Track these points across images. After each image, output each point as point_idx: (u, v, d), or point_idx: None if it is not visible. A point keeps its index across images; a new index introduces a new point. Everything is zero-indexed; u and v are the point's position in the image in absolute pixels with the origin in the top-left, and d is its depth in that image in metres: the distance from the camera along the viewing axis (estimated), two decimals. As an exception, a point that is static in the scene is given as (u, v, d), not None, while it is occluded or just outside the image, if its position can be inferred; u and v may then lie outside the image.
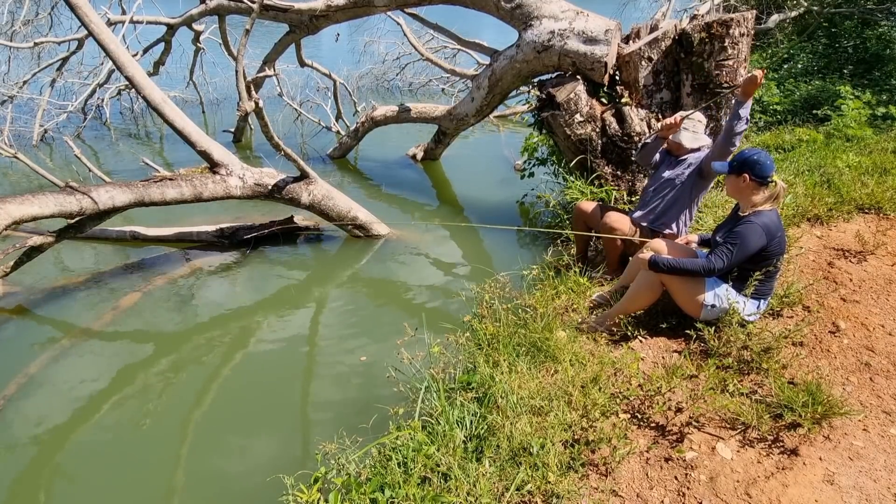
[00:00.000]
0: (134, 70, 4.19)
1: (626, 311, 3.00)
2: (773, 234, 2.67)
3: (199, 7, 6.81)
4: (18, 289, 4.23)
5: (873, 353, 2.76)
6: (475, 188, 6.53)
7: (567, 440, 2.25)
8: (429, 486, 2.03)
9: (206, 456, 2.82)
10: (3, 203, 3.37)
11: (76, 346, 3.70)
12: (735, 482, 2.08)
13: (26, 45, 7.67)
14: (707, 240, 3.19)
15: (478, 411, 2.37)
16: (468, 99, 6.13)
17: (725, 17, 4.42)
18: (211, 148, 4.47)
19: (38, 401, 3.19)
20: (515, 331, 2.91)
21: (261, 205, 5.48)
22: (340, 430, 2.35)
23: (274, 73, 7.00)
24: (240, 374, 3.45)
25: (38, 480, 2.70)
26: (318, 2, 5.99)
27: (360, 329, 3.86)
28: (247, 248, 4.89)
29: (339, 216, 4.96)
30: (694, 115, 3.58)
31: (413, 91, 11.64)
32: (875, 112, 6.33)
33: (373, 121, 7.17)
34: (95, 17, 4.07)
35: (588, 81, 4.89)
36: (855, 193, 4.34)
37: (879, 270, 3.47)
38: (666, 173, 3.59)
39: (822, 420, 2.27)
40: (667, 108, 4.82)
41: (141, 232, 4.98)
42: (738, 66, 4.50)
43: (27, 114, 8.45)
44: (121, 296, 4.18)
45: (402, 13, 7.04)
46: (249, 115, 7.31)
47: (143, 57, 7.57)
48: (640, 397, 2.52)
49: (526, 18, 5.13)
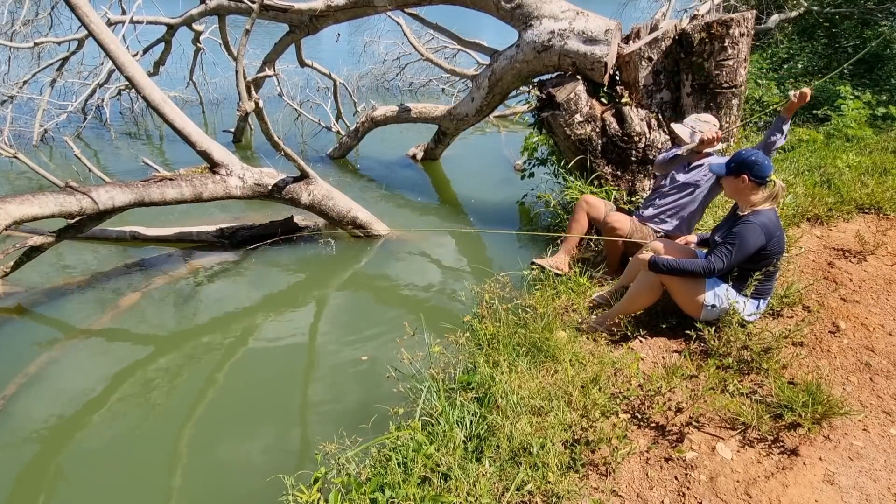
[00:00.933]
0: (134, 70, 4.19)
1: (626, 311, 3.00)
2: (771, 234, 2.67)
3: (199, 7, 6.81)
4: (18, 289, 4.23)
5: (873, 353, 2.76)
6: (475, 188, 6.53)
7: (567, 440, 2.25)
8: (429, 486, 2.03)
9: (205, 456, 2.82)
10: (3, 203, 3.37)
11: (76, 346, 3.70)
12: (735, 482, 2.08)
13: (26, 45, 7.66)
14: (706, 240, 3.19)
15: (478, 411, 2.37)
16: (468, 99, 6.13)
17: (725, 18, 4.42)
18: (211, 148, 4.47)
19: (37, 401, 3.18)
20: (515, 331, 2.91)
21: (261, 205, 5.48)
22: (340, 430, 2.35)
23: (274, 73, 7.00)
24: (240, 373, 3.45)
25: (38, 480, 2.70)
26: (318, 2, 5.99)
27: (360, 329, 3.86)
28: (246, 247, 4.90)
29: (339, 216, 4.96)
30: (708, 119, 3.56)
31: (413, 91, 11.63)
32: (875, 112, 6.33)
33: (373, 121, 7.17)
34: (95, 17, 4.07)
35: (588, 81, 4.89)
36: (855, 193, 4.35)
37: (879, 270, 3.47)
38: (680, 177, 3.57)
39: (822, 420, 2.27)
40: (667, 108, 4.82)
41: (141, 232, 4.98)
42: (738, 66, 4.50)
43: (27, 114, 8.44)
44: (121, 296, 4.18)
45: (402, 13, 7.04)
46: (249, 115, 7.31)
47: (143, 57, 7.56)
48: (640, 397, 2.52)
49: (526, 18, 5.13)
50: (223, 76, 10.34)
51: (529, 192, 5.61)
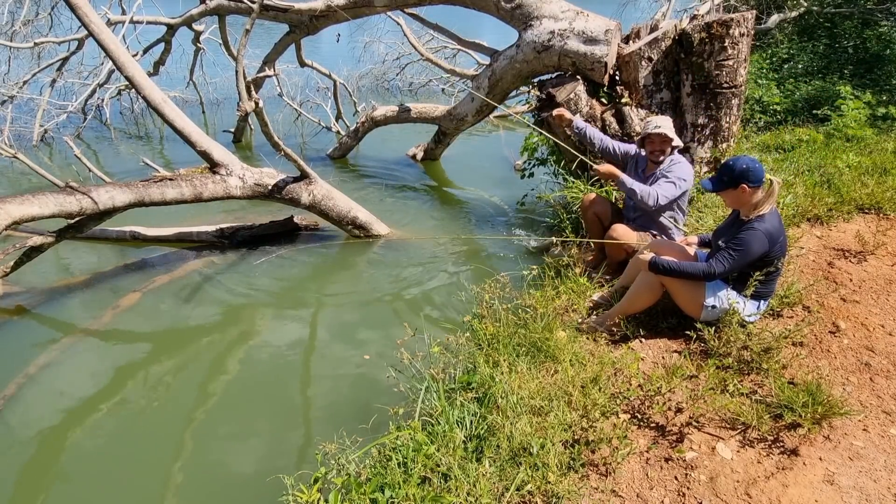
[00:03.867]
0: (134, 70, 4.18)
1: (626, 311, 3.00)
2: (775, 240, 2.67)
3: (199, 7, 6.81)
4: (18, 289, 4.23)
5: (873, 353, 2.76)
6: (475, 188, 6.53)
7: (567, 440, 2.25)
8: (429, 486, 2.03)
9: (205, 456, 2.82)
10: (3, 203, 3.37)
11: (76, 346, 3.70)
12: (735, 482, 2.08)
13: (26, 45, 7.67)
14: (707, 241, 3.19)
15: (478, 411, 2.37)
16: (468, 99, 6.13)
17: (725, 18, 4.42)
18: (211, 148, 4.47)
19: (37, 401, 3.18)
20: (515, 331, 2.91)
21: (261, 205, 5.48)
22: (340, 430, 2.35)
23: (274, 73, 6.99)
24: (239, 373, 3.44)
25: (37, 480, 2.70)
26: (318, 2, 5.99)
27: (360, 329, 3.86)
28: (246, 248, 4.89)
29: (340, 216, 4.96)
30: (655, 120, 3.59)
31: (413, 91, 11.63)
32: (875, 112, 6.32)
33: (373, 121, 7.17)
34: (95, 17, 4.07)
35: (588, 81, 4.89)
36: (855, 193, 4.34)
37: (879, 270, 3.47)
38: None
39: (822, 420, 2.27)
40: (667, 108, 4.82)
41: (141, 232, 4.98)
42: (738, 66, 4.50)
43: (27, 114, 8.44)
44: (121, 296, 4.18)
45: (402, 13, 7.04)
46: (249, 115, 7.30)
47: (143, 57, 7.56)
48: (640, 397, 2.52)
49: (526, 18, 5.13)
50: (223, 76, 10.34)
51: (529, 193, 5.61)
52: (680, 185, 3.47)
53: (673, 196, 3.46)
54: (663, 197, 3.43)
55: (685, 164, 3.55)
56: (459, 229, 5.42)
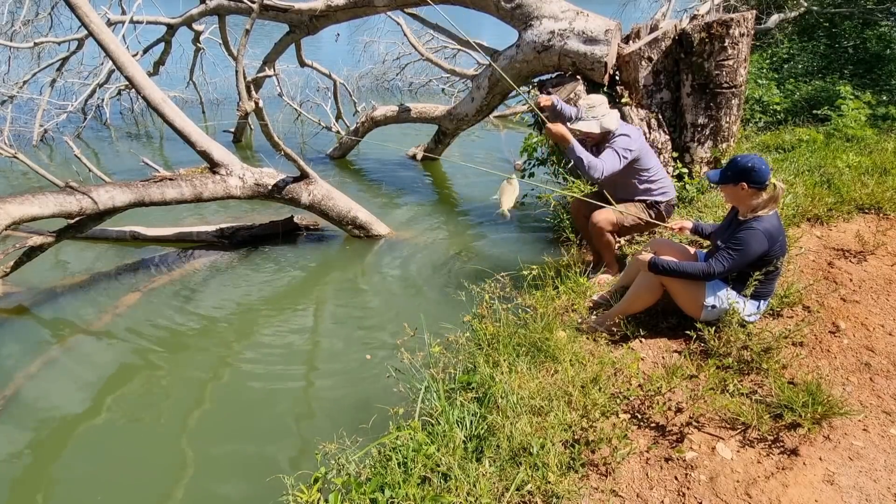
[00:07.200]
0: (134, 70, 4.18)
1: (626, 311, 3.00)
2: (774, 240, 2.67)
3: (199, 7, 6.81)
4: (18, 289, 4.23)
5: (873, 353, 2.76)
6: (475, 188, 6.52)
7: (567, 440, 2.25)
8: (429, 486, 2.03)
9: (205, 455, 2.82)
10: (3, 203, 3.37)
11: (76, 346, 3.70)
12: (735, 482, 2.08)
13: (26, 45, 7.66)
14: (701, 229, 3.18)
15: (478, 411, 2.37)
16: (468, 99, 6.13)
17: (725, 18, 4.42)
18: (211, 148, 4.47)
19: (37, 401, 3.18)
20: (515, 331, 2.91)
21: (261, 205, 5.48)
22: (340, 430, 2.35)
23: (274, 73, 7.01)
24: (239, 373, 3.44)
25: (37, 481, 2.70)
26: (318, 2, 5.99)
27: (360, 329, 3.86)
28: (246, 248, 4.89)
29: (340, 216, 4.96)
30: (588, 100, 3.62)
31: (413, 91, 11.63)
32: (875, 112, 6.32)
33: (373, 121, 7.17)
34: (95, 17, 4.07)
35: (588, 81, 4.89)
36: (855, 193, 4.34)
37: (879, 270, 3.47)
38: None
39: (822, 420, 2.27)
40: (667, 108, 4.82)
41: (141, 232, 4.98)
42: (738, 66, 4.50)
43: (27, 114, 8.44)
44: (121, 296, 4.18)
45: (402, 13, 7.04)
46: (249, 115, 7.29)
47: (143, 57, 7.56)
48: (640, 397, 2.52)
49: (526, 18, 5.13)
50: (223, 76, 10.34)
51: (529, 192, 5.61)
52: (624, 156, 3.48)
53: (617, 168, 3.46)
54: (609, 170, 3.42)
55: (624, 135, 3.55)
56: (459, 229, 5.42)
